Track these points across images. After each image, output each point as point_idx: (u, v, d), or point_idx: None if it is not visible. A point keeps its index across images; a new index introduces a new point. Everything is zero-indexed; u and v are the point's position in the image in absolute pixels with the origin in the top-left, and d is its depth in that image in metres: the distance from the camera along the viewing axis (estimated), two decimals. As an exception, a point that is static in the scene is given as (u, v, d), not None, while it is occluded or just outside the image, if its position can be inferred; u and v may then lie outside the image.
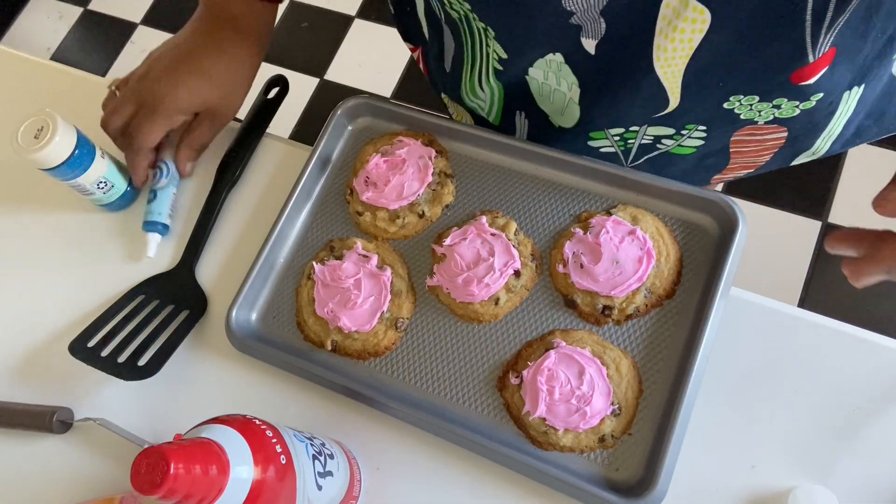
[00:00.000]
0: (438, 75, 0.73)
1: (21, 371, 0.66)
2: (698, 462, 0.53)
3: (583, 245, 0.58)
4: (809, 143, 0.64)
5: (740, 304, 0.57)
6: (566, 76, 0.59)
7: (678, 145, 0.65)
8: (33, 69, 0.81)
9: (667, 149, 0.66)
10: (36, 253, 0.71)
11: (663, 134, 0.63)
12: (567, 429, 0.54)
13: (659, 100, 0.57)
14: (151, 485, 0.37)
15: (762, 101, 0.56)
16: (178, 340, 0.62)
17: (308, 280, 0.63)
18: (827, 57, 0.51)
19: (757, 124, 0.60)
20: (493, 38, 0.57)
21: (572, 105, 0.62)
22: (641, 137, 0.64)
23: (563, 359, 0.55)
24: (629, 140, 0.65)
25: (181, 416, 0.62)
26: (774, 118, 0.59)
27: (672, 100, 0.56)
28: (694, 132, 0.62)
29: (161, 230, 0.68)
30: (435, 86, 0.77)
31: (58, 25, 2.12)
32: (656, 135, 0.63)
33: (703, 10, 0.47)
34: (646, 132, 0.63)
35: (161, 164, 0.69)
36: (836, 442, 0.53)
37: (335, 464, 0.51)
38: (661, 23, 0.50)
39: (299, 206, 0.66)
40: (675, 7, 0.48)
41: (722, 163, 0.68)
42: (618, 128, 0.63)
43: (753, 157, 0.67)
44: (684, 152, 0.66)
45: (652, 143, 0.65)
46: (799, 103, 0.56)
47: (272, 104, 0.73)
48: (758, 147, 0.65)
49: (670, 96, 0.56)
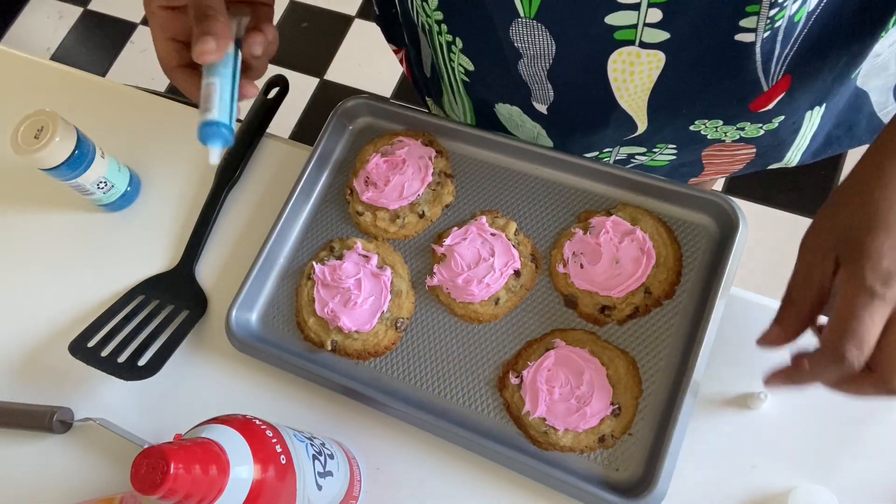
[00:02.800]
0: (422, 79, 0.73)
1: (21, 371, 0.66)
2: (698, 462, 0.53)
3: (583, 245, 0.58)
4: (779, 156, 0.66)
5: (740, 304, 0.57)
6: (527, 121, 0.61)
7: (651, 160, 0.67)
8: (33, 69, 0.81)
9: (641, 162, 0.68)
10: (36, 253, 0.71)
11: (636, 151, 0.65)
12: (567, 429, 0.54)
13: (627, 126, 0.59)
14: (151, 485, 0.37)
15: (726, 124, 0.58)
16: (178, 340, 0.62)
17: (308, 280, 0.63)
18: (782, 84, 0.52)
19: (725, 142, 0.61)
20: (459, 50, 0.58)
21: (543, 137, 0.64)
22: (616, 155, 0.66)
23: (562, 359, 0.55)
24: (604, 158, 0.67)
25: (181, 416, 0.62)
26: (741, 137, 0.60)
27: (640, 125, 0.58)
28: (665, 150, 0.64)
29: (226, 135, 0.47)
30: (419, 90, 0.77)
31: (58, 25, 2.12)
32: (629, 153, 0.65)
33: (657, 52, 0.48)
34: (619, 151, 0.65)
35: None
36: (836, 442, 0.52)
37: (335, 464, 0.51)
38: (615, 73, 0.51)
39: (299, 206, 0.66)
40: (627, 59, 0.50)
41: (696, 171, 0.70)
42: (592, 151, 0.65)
43: (726, 167, 0.68)
44: (658, 165, 0.68)
45: (626, 158, 0.67)
46: (762, 125, 0.58)
47: (272, 104, 0.73)
48: (729, 160, 0.66)
49: (638, 122, 0.58)
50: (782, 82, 0.52)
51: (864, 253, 0.40)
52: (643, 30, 0.47)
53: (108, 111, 0.76)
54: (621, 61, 0.50)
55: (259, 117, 0.72)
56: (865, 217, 0.41)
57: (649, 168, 0.68)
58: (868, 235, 0.40)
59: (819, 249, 0.43)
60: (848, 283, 0.41)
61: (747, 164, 0.68)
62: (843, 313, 0.40)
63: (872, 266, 0.40)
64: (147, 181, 0.72)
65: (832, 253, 0.42)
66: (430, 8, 0.55)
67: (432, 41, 0.60)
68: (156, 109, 0.76)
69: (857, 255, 0.40)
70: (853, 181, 0.43)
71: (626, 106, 0.55)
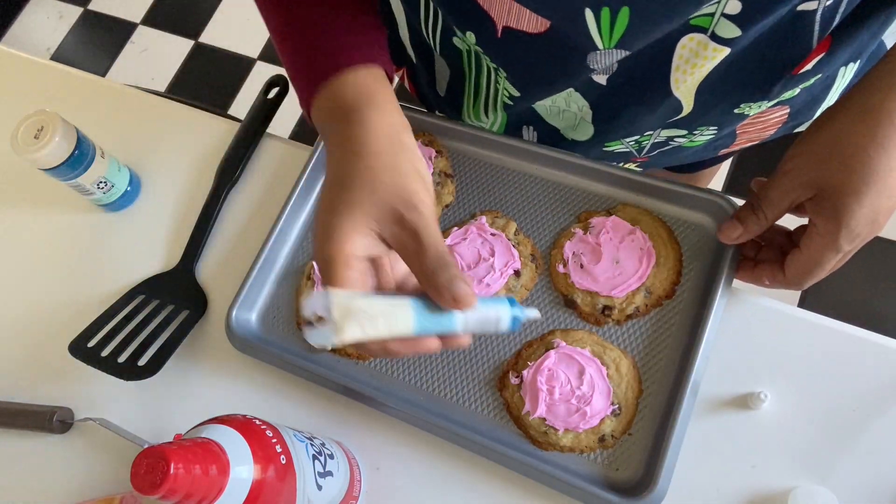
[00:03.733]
0: (432, 97, 0.72)
1: (21, 371, 0.66)
2: (698, 462, 0.53)
3: (583, 245, 0.58)
4: (810, 114, 0.65)
5: (740, 304, 0.57)
6: (576, 101, 0.59)
7: (689, 141, 0.65)
8: (33, 69, 0.81)
9: (679, 144, 0.66)
10: (36, 253, 0.71)
11: (677, 134, 0.64)
12: (567, 429, 0.54)
13: (674, 109, 0.57)
14: (151, 485, 0.37)
15: (770, 100, 0.57)
16: (178, 340, 0.62)
17: (308, 280, 0.63)
18: (823, 45, 0.51)
19: (762, 111, 0.61)
20: (504, 77, 0.57)
21: (584, 123, 0.62)
22: (655, 138, 0.65)
23: (563, 359, 0.55)
24: (643, 142, 0.65)
25: (181, 416, 0.62)
26: (777, 102, 0.59)
27: (686, 107, 0.57)
28: (705, 131, 0.62)
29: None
30: (428, 105, 0.76)
31: (58, 25, 2.12)
32: (669, 135, 0.64)
33: (725, 49, 0.48)
34: (659, 134, 0.64)
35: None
36: (836, 442, 0.52)
37: (335, 464, 0.51)
38: (678, 61, 0.50)
39: (299, 206, 0.66)
40: (693, 48, 0.48)
41: (729, 142, 0.68)
42: (633, 136, 0.64)
43: (758, 134, 0.68)
44: (695, 145, 0.67)
45: (665, 141, 0.65)
46: (799, 85, 0.57)
47: (272, 104, 0.73)
48: (762, 126, 0.65)
49: (684, 105, 0.57)
50: (824, 43, 0.51)
51: (843, 217, 0.45)
52: (719, 20, 0.45)
53: (108, 111, 0.76)
54: (689, 48, 0.49)
55: (259, 117, 0.72)
56: (856, 180, 0.45)
57: (684, 148, 0.67)
58: (855, 202, 0.45)
59: (800, 184, 0.48)
60: (822, 237, 0.47)
61: (778, 129, 0.67)
62: (811, 262, 0.49)
63: (848, 232, 0.46)
64: (147, 181, 0.72)
65: (811, 192, 0.47)
66: (470, 42, 0.55)
67: (476, 62, 0.60)
68: (156, 109, 0.76)
69: (837, 217, 0.46)
70: (848, 133, 0.46)
71: (679, 93, 0.54)
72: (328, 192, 0.43)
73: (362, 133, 0.43)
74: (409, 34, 0.67)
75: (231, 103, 1.89)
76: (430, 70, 0.68)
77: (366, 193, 0.41)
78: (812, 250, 0.48)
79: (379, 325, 0.37)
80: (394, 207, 0.41)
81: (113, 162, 0.68)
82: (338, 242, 0.40)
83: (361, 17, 0.49)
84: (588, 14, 0.44)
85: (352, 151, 0.43)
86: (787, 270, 0.51)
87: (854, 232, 0.46)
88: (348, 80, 0.46)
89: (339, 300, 0.36)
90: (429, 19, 0.59)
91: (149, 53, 2.01)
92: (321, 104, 0.47)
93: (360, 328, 0.36)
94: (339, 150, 0.44)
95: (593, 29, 0.46)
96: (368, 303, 0.38)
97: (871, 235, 0.47)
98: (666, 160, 0.71)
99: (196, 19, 2.03)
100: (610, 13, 0.44)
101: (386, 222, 0.41)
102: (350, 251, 0.40)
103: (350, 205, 0.41)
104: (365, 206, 0.41)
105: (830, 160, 0.46)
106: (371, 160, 0.42)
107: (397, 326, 0.38)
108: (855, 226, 0.45)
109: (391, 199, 0.41)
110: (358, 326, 0.36)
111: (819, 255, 0.48)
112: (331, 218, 0.41)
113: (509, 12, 0.48)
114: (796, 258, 0.50)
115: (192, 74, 1.96)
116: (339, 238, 0.40)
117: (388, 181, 0.41)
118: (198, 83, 1.95)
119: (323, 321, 0.36)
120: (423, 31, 0.61)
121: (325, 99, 0.47)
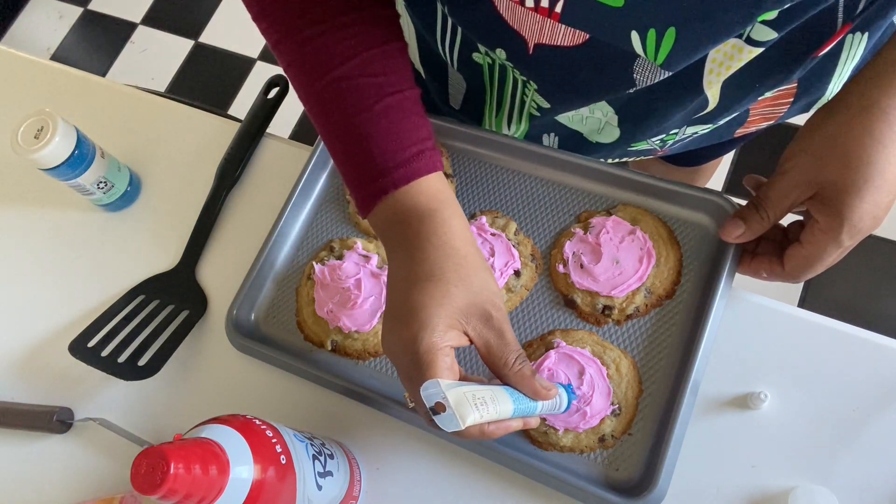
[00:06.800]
0: (443, 107, 0.72)
1: (21, 371, 0.66)
2: (698, 462, 0.53)
3: (583, 245, 0.58)
4: (822, 88, 0.64)
5: (740, 304, 0.57)
6: (601, 108, 0.59)
7: (710, 131, 0.65)
8: (33, 69, 0.81)
9: (700, 134, 0.66)
10: (36, 253, 0.71)
11: (701, 129, 0.64)
12: (567, 429, 0.54)
13: (700, 106, 0.57)
14: (151, 485, 0.37)
15: (788, 83, 0.56)
16: (178, 340, 0.62)
17: (308, 280, 0.63)
18: (844, 27, 0.51)
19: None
20: (534, 90, 0.57)
21: (609, 127, 0.62)
22: (681, 135, 0.65)
23: (563, 359, 0.55)
24: (668, 140, 0.65)
25: (181, 416, 0.62)
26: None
27: (712, 102, 0.57)
28: (726, 118, 0.62)
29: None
30: (438, 113, 0.76)
31: (58, 25, 2.12)
32: (694, 131, 0.64)
33: (757, 49, 0.47)
34: (685, 131, 0.64)
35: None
36: (836, 442, 0.52)
37: (335, 464, 0.51)
38: (712, 65, 0.50)
39: (299, 206, 0.66)
40: (727, 52, 0.48)
41: (743, 118, 0.68)
42: (660, 135, 0.63)
43: (771, 110, 0.67)
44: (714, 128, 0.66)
45: (689, 135, 0.65)
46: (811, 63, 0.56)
47: (272, 104, 0.73)
48: (772, 102, 0.65)
49: (710, 100, 0.56)
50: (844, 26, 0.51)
51: (845, 214, 0.46)
52: (755, 25, 0.45)
53: (108, 111, 0.76)
54: (724, 52, 0.49)
55: (259, 117, 0.72)
56: (856, 177, 0.45)
57: (701, 136, 0.67)
58: (856, 199, 0.46)
59: (800, 183, 0.48)
60: (824, 232, 0.48)
61: (791, 108, 0.67)
62: (813, 257, 0.49)
63: (850, 227, 0.46)
64: (147, 181, 0.72)
65: (811, 190, 0.48)
66: (500, 58, 0.54)
67: (501, 75, 0.59)
68: (156, 109, 0.76)
69: (839, 214, 0.46)
70: (846, 130, 0.46)
71: (709, 91, 0.54)
72: (420, 285, 0.45)
73: (448, 234, 0.47)
74: (418, 51, 0.66)
75: (231, 103, 1.89)
76: (442, 83, 0.67)
77: (461, 291, 0.45)
78: (814, 245, 0.49)
79: (489, 409, 0.42)
80: (484, 308, 0.45)
81: (113, 162, 0.68)
82: (439, 333, 0.43)
83: (413, 113, 0.50)
84: (634, 36, 0.44)
85: (440, 249, 0.46)
86: (786, 264, 0.51)
87: (856, 227, 0.46)
88: (421, 187, 0.49)
89: (449, 389, 0.41)
90: (446, 36, 0.58)
91: (148, 53, 2.01)
92: (388, 205, 0.49)
93: (479, 413, 0.41)
94: (426, 245, 0.47)
95: (638, 48, 0.46)
96: (471, 389, 0.42)
97: (872, 229, 0.47)
98: (688, 147, 0.71)
99: (196, 19, 2.03)
100: (656, 35, 0.44)
101: (474, 320, 0.45)
102: (447, 342, 0.44)
103: (448, 299, 0.44)
104: (460, 303, 0.44)
105: (829, 158, 0.47)
106: (461, 260, 0.46)
107: (501, 410, 0.43)
108: (857, 221, 0.46)
109: (481, 301, 0.45)
110: (477, 412, 0.41)
111: (820, 250, 0.49)
112: (431, 309, 0.44)
113: (541, 30, 0.48)
114: (797, 252, 0.50)
115: (192, 74, 1.96)
116: (440, 329, 0.43)
117: (478, 283, 0.46)
118: (198, 83, 1.95)
119: (441, 406, 0.40)
120: (439, 48, 0.61)
121: (394, 202, 0.49)
